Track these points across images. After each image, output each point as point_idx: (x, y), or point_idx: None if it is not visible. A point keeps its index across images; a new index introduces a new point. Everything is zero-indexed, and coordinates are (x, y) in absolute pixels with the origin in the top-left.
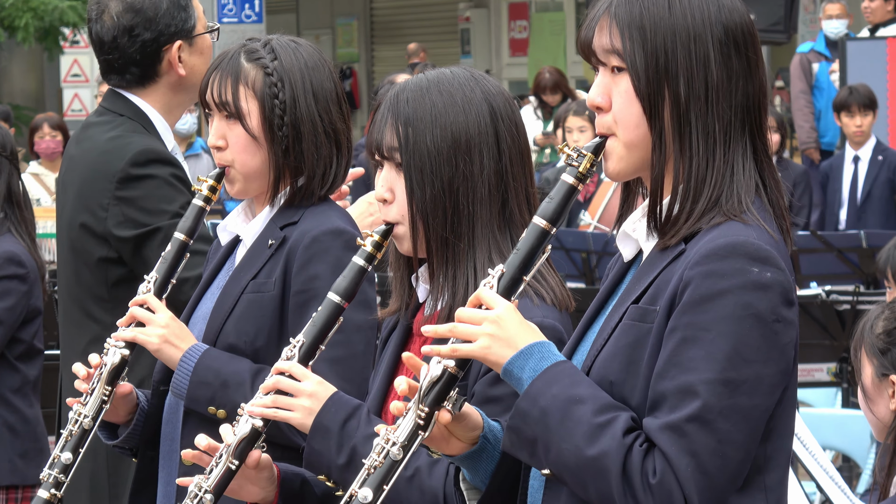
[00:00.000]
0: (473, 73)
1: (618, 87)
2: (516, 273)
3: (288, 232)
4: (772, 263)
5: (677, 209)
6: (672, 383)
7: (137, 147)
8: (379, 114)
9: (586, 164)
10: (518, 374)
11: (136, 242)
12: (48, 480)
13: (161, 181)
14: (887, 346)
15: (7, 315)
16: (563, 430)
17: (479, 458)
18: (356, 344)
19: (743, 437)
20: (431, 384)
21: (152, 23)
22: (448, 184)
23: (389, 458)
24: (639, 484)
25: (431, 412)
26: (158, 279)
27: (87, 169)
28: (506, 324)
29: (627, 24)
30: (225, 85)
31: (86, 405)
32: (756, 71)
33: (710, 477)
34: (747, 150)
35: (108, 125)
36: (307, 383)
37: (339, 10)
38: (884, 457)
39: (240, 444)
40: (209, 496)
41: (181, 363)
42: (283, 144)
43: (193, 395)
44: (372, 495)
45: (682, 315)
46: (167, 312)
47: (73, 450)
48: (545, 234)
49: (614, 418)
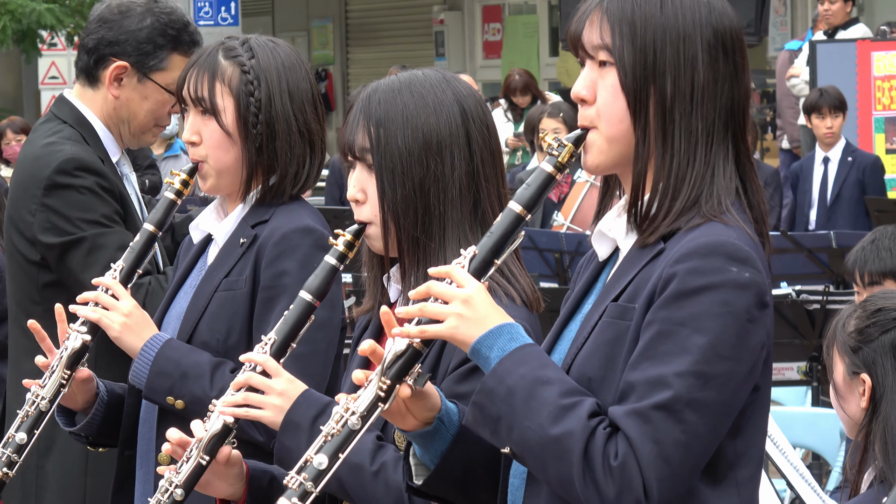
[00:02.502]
0: (445, 74)
1: (604, 81)
2: (488, 255)
3: (259, 230)
4: (750, 264)
5: (656, 206)
6: (642, 374)
7: (65, 155)
8: (351, 115)
9: (566, 155)
10: (486, 354)
11: (61, 250)
12: (1, 459)
13: (85, 190)
14: (859, 345)
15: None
16: (527, 410)
17: (433, 438)
18: (318, 341)
19: (707, 431)
20: (395, 358)
21: (121, 29)
22: (419, 184)
23: (347, 427)
24: (599, 466)
25: (393, 385)
26: (125, 268)
27: (21, 172)
28: (475, 304)
29: (618, 20)
30: (201, 81)
31: (44, 387)
32: (742, 75)
33: (671, 466)
34: (729, 153)
35: (48, 131)
36: (278, 381)
37: (314, 12)
38: (854, 454)
39: (211, 439)
40: (179, 491)
41: (142, 353)
42: (256, 142)
43: (152, 384)
44: (327, 462)
45: (659, 310)
46: (131, 301)
47: (27, 430)
48: (520, 219)
49: (580, 401)
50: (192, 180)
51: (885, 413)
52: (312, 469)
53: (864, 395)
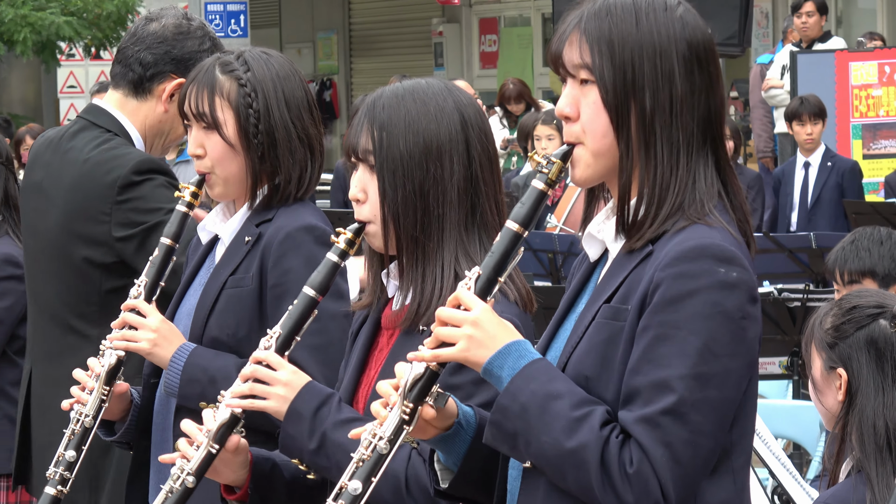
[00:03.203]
0: (447, 84)
1: (586, 99)
2: (491, 274)
3: (263, 229)
4: (737, 263)
5: (643, 213)
6: (646, 378)
7: (137, 158)
8: (356, 118)
9: (555, 171)
10: (497, 373)
11: (141, 238)
12: (54, 478)
13: (158, 186)
14: (835, 341)
15: (6, 314)
16: (542, 424)
17: (453, 442)
18: (333, 332)
19: (712, 428)
20: (415, 381)
21: (184, 49)
22: (419, 186)
23: (377, 452)
24: (617, 474)
25: (416, 408)
26: (148, 283)
27: (82, 178)
28: (483, 325)
29: (597, 39)
30: (201, 96)
31: (86, 405)
32: (717, 85)
33: (683, 465)
34: (709, 160)
35: (98, 139)
36: (282, 373)
37: (319, 24)
38: (832, 445)
39: (220, 429)
40: (191, 478)
41: (172, 363)
42: (258, 151)
43: (184, 392)
44: (361, 487)
45: (654, 314)
46: (157, 315)
47: (76, 447)
48: (518, 237)
49: (591, 412)
50: (202, 192)
51: (861, 405)
52: (348, 495)
53: (840, 389)
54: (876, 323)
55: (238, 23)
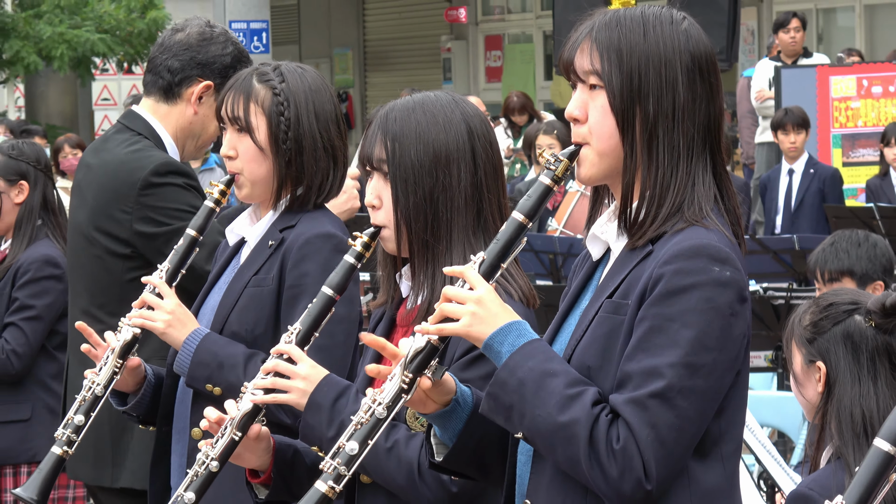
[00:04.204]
0: (454, 96)
1: (594, 103)
2: (495, 259)
3: (286, 234)
4: (731, 264)
5: (644, 213)
6: (638, 365)
7: (159, 159)
8: (370, 130)
9: (562, 169)
10: (497, 349)
11: (164, 239)
12: (62, 438)
13: (177, 187)
14: (814, 336)
15: (46, 311)
16: (537, 399)
17: (450, 418)
18: (337, 334)
19: (696, 415)
20: (416, 354)
21: (208, 54)
22: (429, 193)
23: (374, 416)
24: (603, 449)
25: (414, 378)
26: (170, 269)
27: (107, 177)
28: (486, 304)
29: (606, 48)
30: (237, 102)
31: (98, 374)
32: (716, 95)
33: (666, 447)
34: (707, 165)
35: (126, 140)
36: (302, 366)
37: (336, 41)
38: (813, 434)
39: (243, 418)
40: (215, 463)
41: (184, 345)
42: (286, 156)
43: (193, 373)
44: (358, 447)
45: (650, 307)
46: (174, 299)
47: (85, 413)
48: (522, 226)
49: (584, 391)
50: (229, 190)
51: (839, 395)
52: (345, 454)
53: (820, 381)
54: (851, 318)
55: (260, 39)
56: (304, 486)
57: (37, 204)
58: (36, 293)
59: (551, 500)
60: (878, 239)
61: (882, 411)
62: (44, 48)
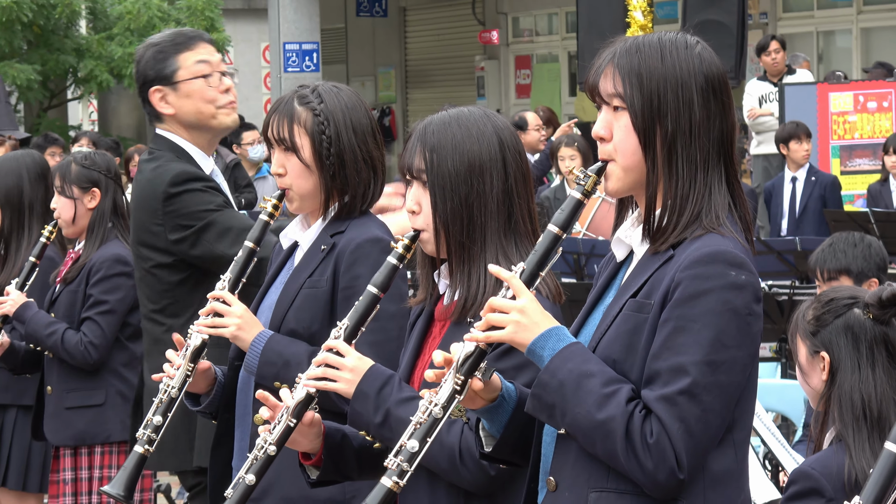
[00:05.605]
0: (486, 111)
1: (618, 122)
2: (535, 269)
3: (337, 239)
4: (746, 268)
5: (666, 221)
6: (665, 363)
7: (174, 171)
8: (410, 142)
9: (591, 184)
10: (539, 353)
11: (194, 238)
12: (143, 438)
13: (196, 191)
14: (817, 329)
15: (119, 305)
16: (576, 398)
17: (497, 412)
18: (390, 330)
19: (721, 407)
20: (466, 358)
21: (139, 73)
22: (464, 199)
23: (432, 416)
24: (639, 443)
25: (466, 380)
26: (231, 279)
27: (139, 196)
28: (528, 313)
29: (628, 72)
30: (282, 125)
31: (173, 378)
32: (729, 112)
33: (695, 438)
34: (722, 176)
35: (153, 160)
36: (349, 359)
37: (380, 61)
38: (818, 418)
39: (297, 406)
40: (272, 447)
41: (252, 346)
42: (330, 171)
43: (262, 372)
44: (418, 445)
45: (674, 309)
46: (241, 305)
47: (162, 413)
48: (557, 238)
49: (619, 389)
50: (281, 204)
51: (840, 381)
52: (407, 452)
53: (824, 370)
54: (851, 311)
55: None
56: (351, 467)
57: (107, 209)
58: (108, 289)
59: (575, 477)
60: (872, 240)
61: (879, 396)
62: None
